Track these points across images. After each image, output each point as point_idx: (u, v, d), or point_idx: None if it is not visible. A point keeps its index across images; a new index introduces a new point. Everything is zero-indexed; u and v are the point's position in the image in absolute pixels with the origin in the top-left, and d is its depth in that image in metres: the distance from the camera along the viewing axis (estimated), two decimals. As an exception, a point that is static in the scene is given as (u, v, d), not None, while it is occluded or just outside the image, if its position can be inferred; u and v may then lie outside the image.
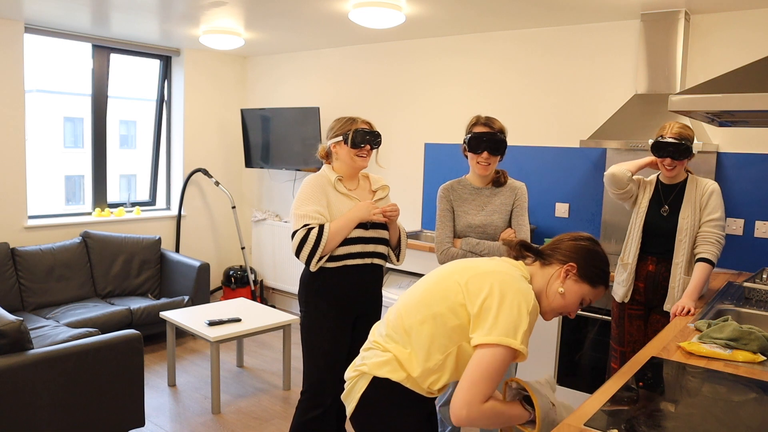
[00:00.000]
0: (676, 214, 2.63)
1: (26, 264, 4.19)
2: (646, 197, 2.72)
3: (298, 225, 2.34)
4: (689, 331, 2.10)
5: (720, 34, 3.27)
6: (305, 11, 3.73)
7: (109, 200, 5.08)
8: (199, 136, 5.47)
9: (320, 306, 2.43)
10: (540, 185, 3.93)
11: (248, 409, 3.51)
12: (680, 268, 2.60)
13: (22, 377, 2.45)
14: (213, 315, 3.73)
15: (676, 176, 2.66)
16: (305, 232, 2.31)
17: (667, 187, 2.70)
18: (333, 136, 2.46)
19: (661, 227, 2.65)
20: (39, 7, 3.83)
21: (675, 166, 2.58)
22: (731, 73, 1.91)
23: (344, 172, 2.49)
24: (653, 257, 2.67)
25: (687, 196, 2.63)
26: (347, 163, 2.46)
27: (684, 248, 2.59)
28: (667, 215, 2.65)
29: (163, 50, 5.17)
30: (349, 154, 2.43)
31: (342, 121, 2.47)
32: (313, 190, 2.39)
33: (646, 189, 2.74)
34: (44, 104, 9.91)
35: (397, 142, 4.66)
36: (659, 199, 2.70)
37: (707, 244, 2.56)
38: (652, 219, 2.68)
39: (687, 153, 2.53)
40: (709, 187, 2.62)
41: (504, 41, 4.07)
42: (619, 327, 2.78)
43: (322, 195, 2.39)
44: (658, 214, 2.68)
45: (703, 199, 2.60)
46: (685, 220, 2.60)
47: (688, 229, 2.58)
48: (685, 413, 1.47)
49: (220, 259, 5.72)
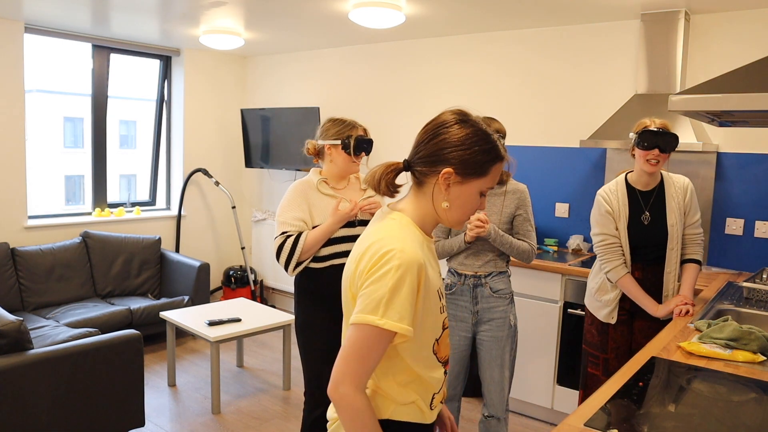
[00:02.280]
0: (658, 221, 2.49)
1: (26, 264, 4.19)
2: (623, 213, 2.51)
3: (278, 232, 2.41)
4: (689, 331, 2.10)
5: (720, 34, 3.27)
6: (305, 11, 3.73)
7: (109, 200, 5.08)
8: (199, 136, 5.47)
9: (311, 305, 2.45)
10: (540, 185, 3.93)
11: (248, 409, 3.51)
12: (672, 275, 2.50)
13: (22, 377, 2.45)
14: (213, 315, 3.73)
15: (654, 177, 2.50)
16: (282, 240, 2.37)
17: (644, 193, 2.53)
18: (331, 137, 2.44)
19: (644, 237, 2.49)
20: (39, 7, 3.83)
21: (659, 161, 2.41)
22: (731, 73, 1.91)
23: (334, 174, 2.49)
24: (639, 263, 2.53)
25: (669, 201, 2.50)
26: (341, 168, 2.46)
27: (675, 256, 2.50)
28: (648, 223, 2.50)
29: (163, 50, 5.17)
30: (345, 159, 2.43)
31: (340, 124, 2.45)
32: (294, 196, 2.43)
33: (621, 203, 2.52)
34: (44, 104, 9.92)
35: (397, 141, 4.66)
36: (638, 207, 2.52)
37: (695, 245, 2.53)
38: (633, 231, 2.50)
39: (674, 144, 2.39)
40: (685, 185, 2.51)
41: (504, 41, 4.07)
42: (601, 334, 2.62)
43: (303, 201, 2.42)
44: (638, 223, 2.51)
45: (686, 201, 2.50)
46: (673, 228, 2.48)
47: (678, 236, 2.49)
48: (685, 413, 1.47)
49: (220, 259, 5.72)
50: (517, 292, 3.36)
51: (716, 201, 3.32)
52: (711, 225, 3.35)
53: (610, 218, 2.52)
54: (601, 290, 2.61)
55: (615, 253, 2.50)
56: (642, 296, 2.47)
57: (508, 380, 2.53)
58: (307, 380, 2.50)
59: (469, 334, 2.55)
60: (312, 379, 2.48)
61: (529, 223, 2.54)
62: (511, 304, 2.55)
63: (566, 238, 3.87)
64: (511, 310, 2.54)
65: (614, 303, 2.55)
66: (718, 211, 3.32)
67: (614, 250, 2.51)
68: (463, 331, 2.55)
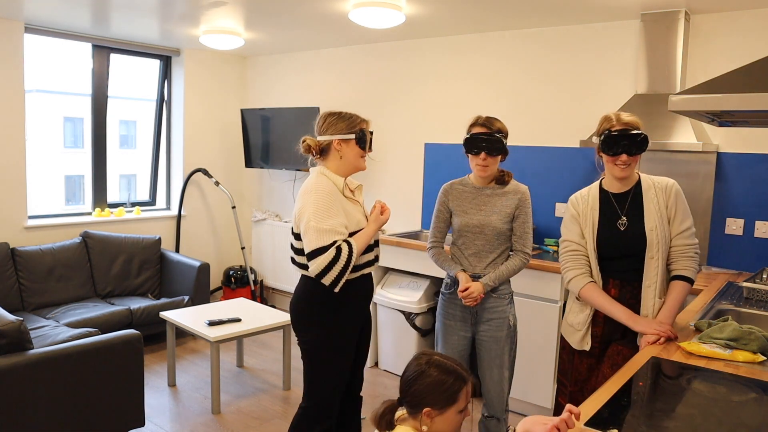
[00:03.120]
0: (636, 226, 2.15)
1: (26, 264, 4.19)
2: (591, 218, 2.21)
3: (326, 241, 2.09)
4: (689, 331, 2.10)
5: (720, 33, 3.27)
6: (305, 11, 3.73)
7: (109, 200, 5.08)
8: (199, 136, 5.47)
9: (337, 324, 2.25)
10: (540, 185, 3.93)
11: (248, 409, 3.51)
12: (653, 290, 2.12)
13: (22, 377, 2.45)
14: (213, 315, 3.73)
15: (628, 178, 2.19)
16: (336, 250, 2.09)
17: (619, 196, 2.21)
18: (342, 131, 2.26)
19: (619, 245, 2.16)
20: (39, 7, 3.83)
21: (629, 164, 2.13)
22: (731, 73, 1.91)
23: (343, 174, 2.31)
24: (615, 280, 2.18)
25: (647, 203, 2.16)
26: (353, 165, 2.29)
27: (656, 267, 2.11)
28: (625, 229, 2.16)
29: (163, 50, 5.17)
30: (357, 155, 2.27)
31: (348, 118, 2.29)
32: (330, 200, 2.16)
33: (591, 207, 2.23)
34: (44, 104, 9.91)
35: (397, 141, 4.66)
36: (613, 211, 2.20)
37: (685, 259, 2.14)
38: (606, 237, 2.18)
39: (644, 144, 2.10)
40: (669, 187, 2.17)
41: (504, 41, 4.07)
42: (569, 362, 2.29)
43: (339, 204, 2.19)
44: (613, 229, 2.18)
45: (669, 204, 2.15)
46: (653, 232, 2.12)
47: (659, 244, 2.11)
48: (685, 413, 1.47)
49: (220, 259, 5.72)
50: (517, 292, 3.35)
51: (716, 201, 3.32)
52: (711, 225, 3.35)
53: (575, 223, 2.26)
54: (571, 311, 2.28)
55: (577, 261, 2.22)
56: (611, 305, 2.13)
57: (507, 380, 2.53)
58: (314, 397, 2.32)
59: (468, 334, 2.55)
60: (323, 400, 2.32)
61: (528, 225, 2.52)
62: (511, 304, 2.55)
63: (566, 238, 3.86)
64: (510, 310, 2.54)
65: (584, 327, 2.21)
66: (718, 211, 3.32)
67: (576, 257, 2.23)
68: (463, 330, 2.55)
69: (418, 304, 3.86)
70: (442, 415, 1.66)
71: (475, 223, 2.50)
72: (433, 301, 3.91)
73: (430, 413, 1.65)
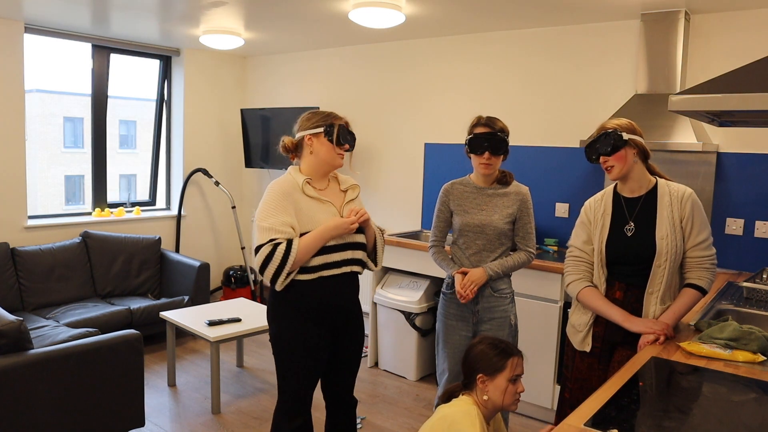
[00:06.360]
0: (644, 232, 2.10)
1: (26, 264, 4.19)
2: (603, 223, 2.18)
3: (264, 239, 2.11)
4: (689, 331, 2.10)
5: (720, 33, 3.27)
6: (305, 11, 3.73)
7: (109, 200, 5.08)
8: (199, 136, 5.47)
9: (296, 320, 2.23)
10: (540, 185, 3.93)
11: (248, 409, 3.51)
12: (655, 297, 2.08)
13: (22, 377, 2.45)
14: (213, 315, 3.73)
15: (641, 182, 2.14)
16: (271, 248, 2.09)
17: (630, 200, 2.16)
18: (311, 126, 2.22)
19: (626, 251, 2.11)
20: (39, 7, 3.83)
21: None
22: (731, 73, 1.91)
23: (315, 171, 2.25)
24: (621, 283, 2.15)
25: (661, 210, 2.09)
26: (324, 161, 2.23)
27: (662, 275, 2.06)
28: (632, 234, 2.11)
29: (163, 50, 5.17)
30: (329, 150, 2.21)
31: (320, 114, 2.25)
32: (278, 198, 2.16)
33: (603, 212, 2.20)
34: (44, 104, 9.92)
35: (397, 142, 4.66)
36: (622, 215, 2.16)
37: (700, 269, 2.09)
38: (612, 241, 2.14)
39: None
40: (685, 197, 2.09)
41: (504, 41, 4.07)
42: (571, 360, 2.28)
43: (289, 203, 2.16)
44: (621, 234, 2.14)
45: (684, 215, 2.08)
46: (663, 241, 2.05)
47: (669, 253, 2.05)
48: (685, 413, 1.47)
49: (220, 259, 5.72)
50: (518, 292, 3.36)
51: (716, 201, 3.32)
52: (711, 225, 3.34)
53: (584, 228, 2.24)
54: (574, 312, 2.29)
55: (578, 267, 2.22)
56: (606, 307, 2.12)
57: (508, 380, 2.53)
58: (282, 392, 2.31)
59: (469, 334, 2.55)
60: (291, 398, 2.29)
61: (530, 226, 2.56)
62: (512, 303, 2.56)
63: (566, 238, 3.83)
64: (511, 310, 2.54)
65: (585, 328, 2.21)
66: (718, 211, 3.32)
67: (578, 263, 2.23)
68: (464, 330, 2.55)
69: (418, 304, 3.86)
70: (493, 382, 1.86)
71: (476, 223, 2.51)
72: (434, 301, 3.91)
73: (482, 378, 1.86)
